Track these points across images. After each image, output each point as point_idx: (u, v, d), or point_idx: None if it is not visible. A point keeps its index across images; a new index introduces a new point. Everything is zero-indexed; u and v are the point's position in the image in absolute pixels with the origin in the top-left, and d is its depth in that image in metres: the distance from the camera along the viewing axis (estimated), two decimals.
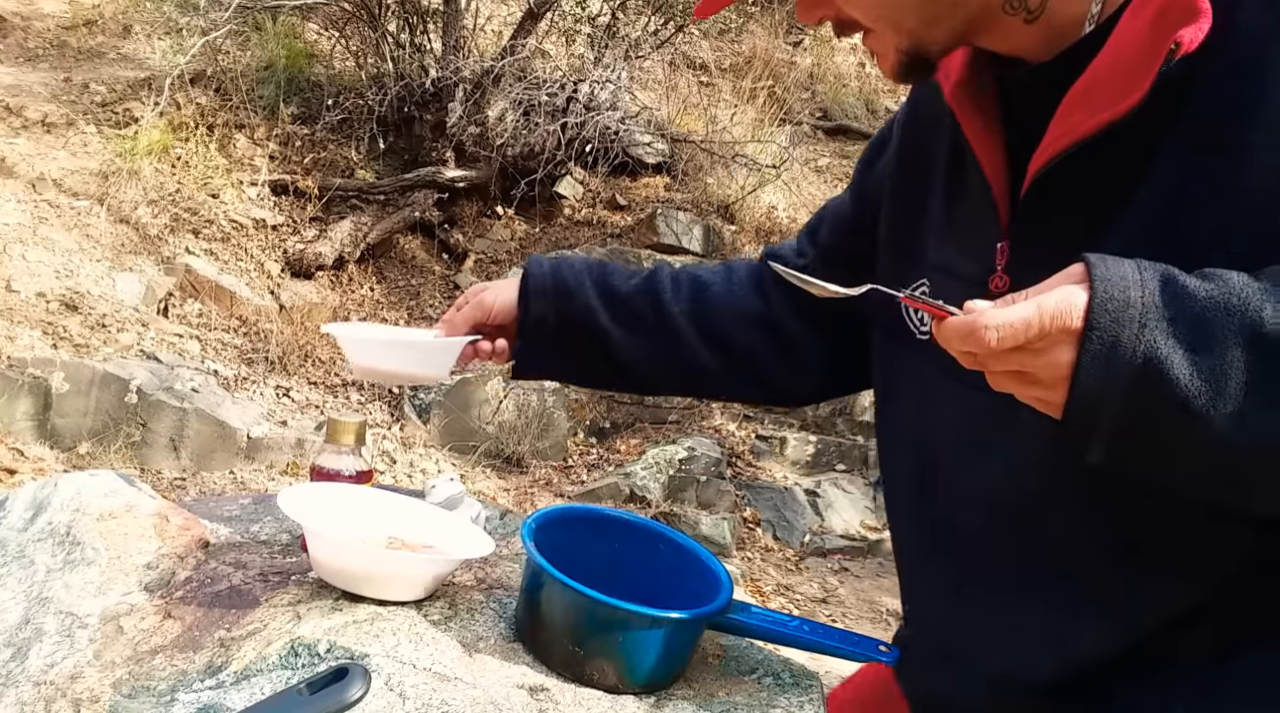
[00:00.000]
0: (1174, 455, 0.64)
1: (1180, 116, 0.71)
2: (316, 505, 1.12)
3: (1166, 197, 0.70)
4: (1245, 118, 0.67)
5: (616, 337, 1.15)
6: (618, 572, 1.13)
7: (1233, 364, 0.60)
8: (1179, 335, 0.61)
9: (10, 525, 1.18)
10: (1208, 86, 0.69)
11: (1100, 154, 0.74)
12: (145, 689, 0.94)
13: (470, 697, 0.93)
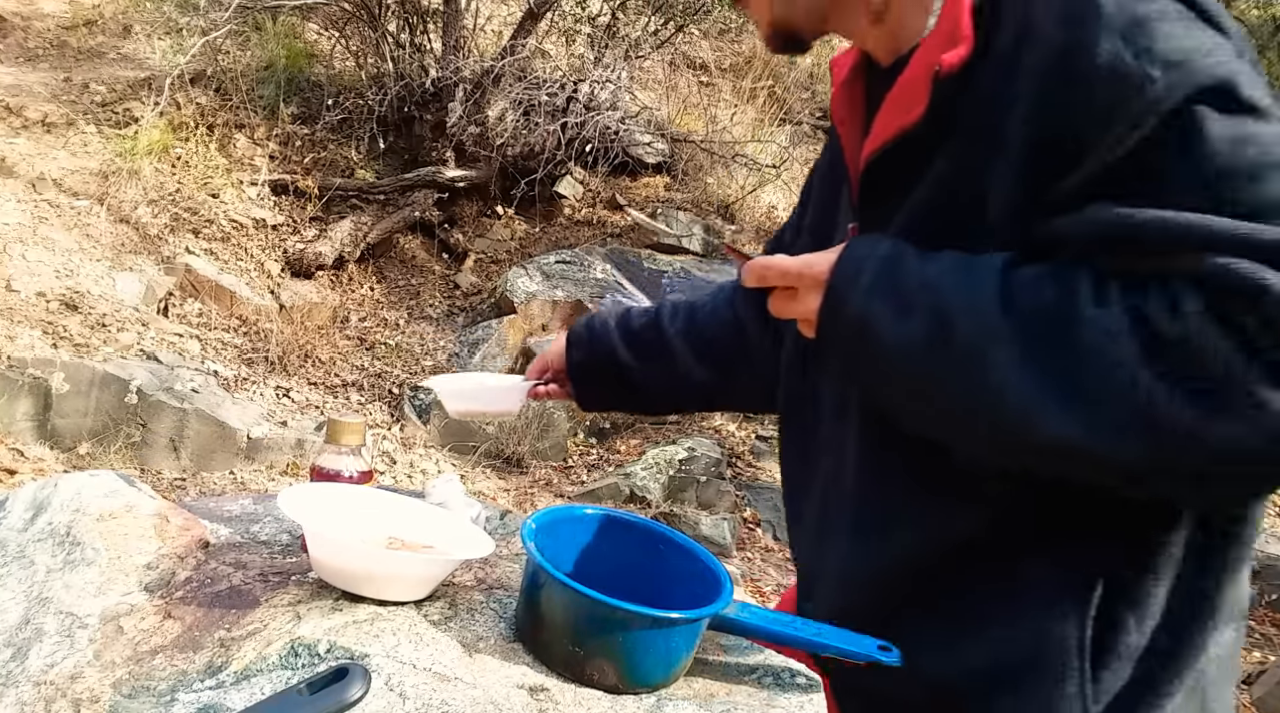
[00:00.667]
0: (881, 382, 0.87)
1: (954, 125, 0.85)
2: (316, 505, 1.12)
3: (937, 189, 0.87)
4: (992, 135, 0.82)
5: (634, 367, 1.34)
6: (618, 572, 1.13)
7: (920, 325, 0.81)
8: (887, 301, 0.83)
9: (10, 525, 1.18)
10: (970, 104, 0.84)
11: (900, 153, 0.89)
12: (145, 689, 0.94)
13: (470, 697, 0.93)
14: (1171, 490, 0.77)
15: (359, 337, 5.34)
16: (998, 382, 0.77)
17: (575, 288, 5.44)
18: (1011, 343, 0.77)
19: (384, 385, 4.95)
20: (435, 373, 5.12)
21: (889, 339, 0.83)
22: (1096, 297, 0.76)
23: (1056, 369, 0.75)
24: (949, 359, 0.80)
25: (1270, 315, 0.69)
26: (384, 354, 5.26)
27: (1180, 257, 0.73)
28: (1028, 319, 0.77)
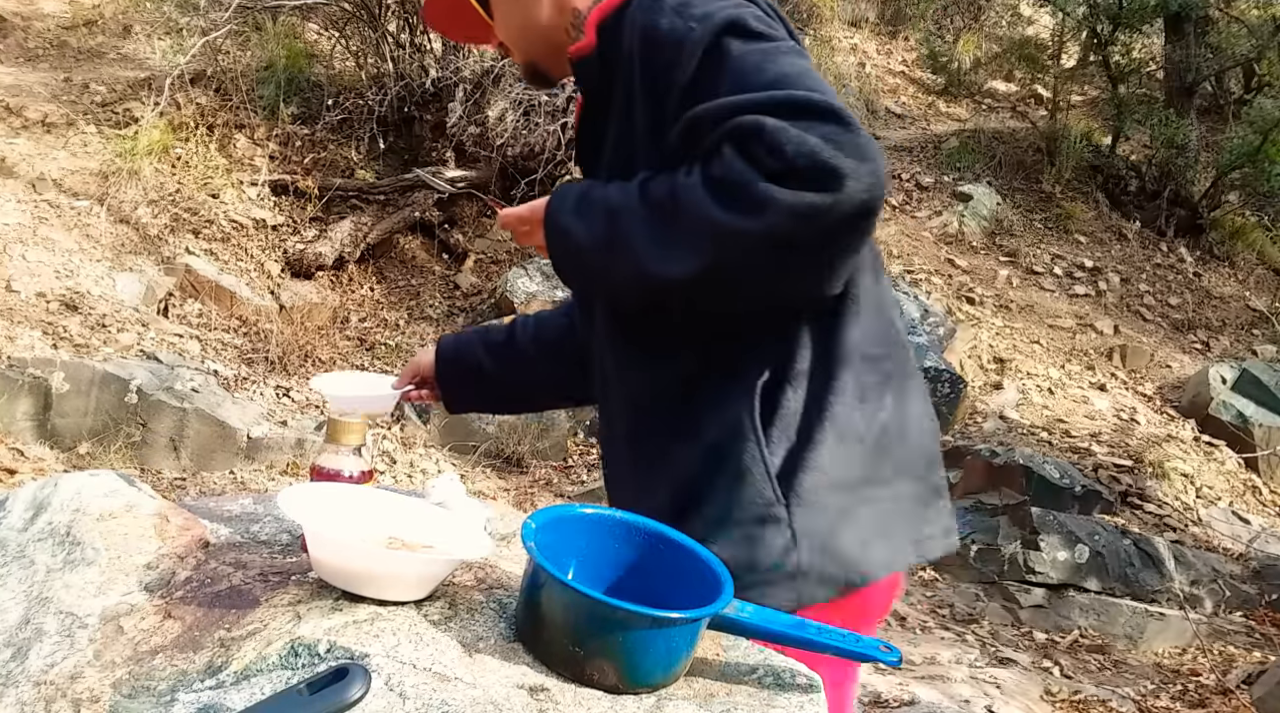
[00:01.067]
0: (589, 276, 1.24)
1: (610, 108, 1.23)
2: (316, 506, 1.12)
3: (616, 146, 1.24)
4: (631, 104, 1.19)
5: (493, 372, 1.58)
6: (618, 572, 1.13)
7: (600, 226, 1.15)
8: (581, 216, 1.17)
9: (10, 525, 1.18)
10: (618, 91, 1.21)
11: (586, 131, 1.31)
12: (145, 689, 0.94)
13: (470, 697, 0.93)
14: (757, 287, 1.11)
15: (359, 337, 5.35)
16: (642, 252, 1.12)
17: None
18: (645, 222, 1.12)
19: None
20: None
21: (585, 241, 1.18)
22: (688, 172, 1.09)
23: (667, 230, 1.10)
24: (617, 245, 1.14)
25: (768, 142, 1.02)
26: (384, 354, 5.26)
27: (722, 125, 1.06)
28: (653, 202, 1.12)
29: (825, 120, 1.04)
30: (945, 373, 5.78)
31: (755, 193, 1.02)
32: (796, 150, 1.02)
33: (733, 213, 1.04)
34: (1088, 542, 4.50)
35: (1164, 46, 8.54)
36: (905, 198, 7.67)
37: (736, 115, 1.05)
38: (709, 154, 1.08)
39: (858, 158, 1.03)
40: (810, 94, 1.05)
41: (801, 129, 1.03)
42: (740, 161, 1.04)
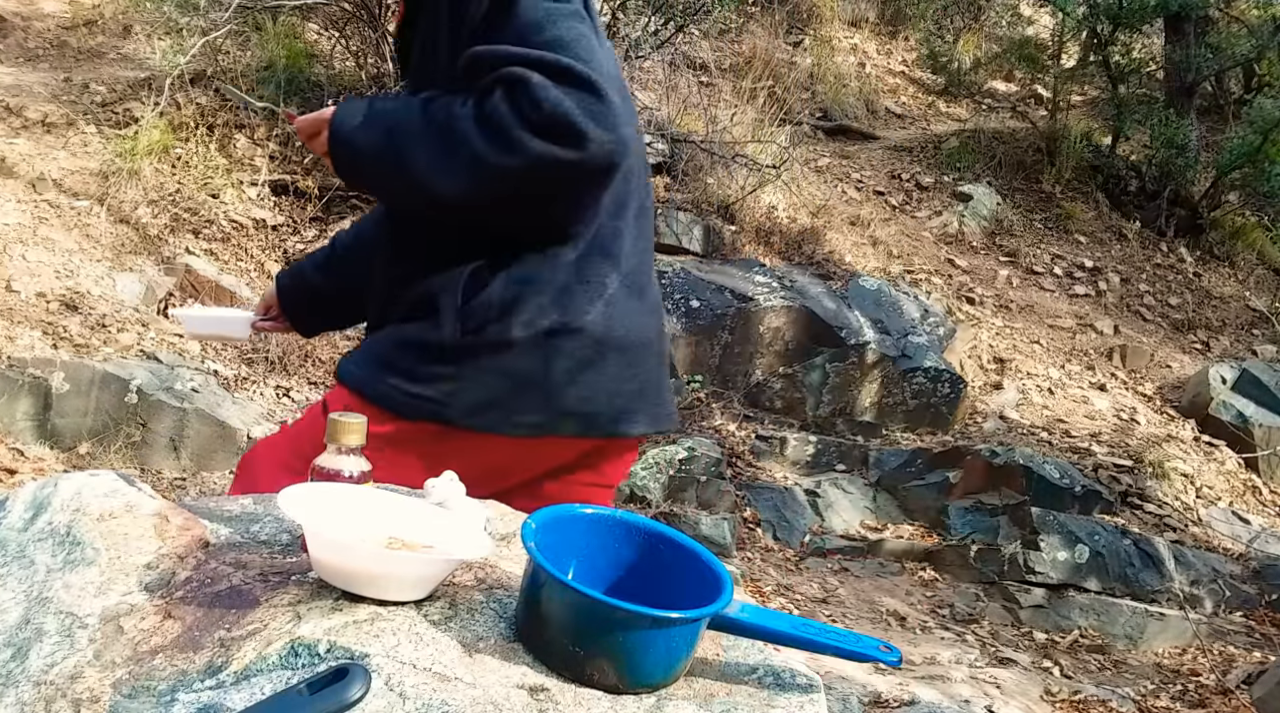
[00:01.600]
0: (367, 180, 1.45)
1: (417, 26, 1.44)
2: (316, 506, 1.12)
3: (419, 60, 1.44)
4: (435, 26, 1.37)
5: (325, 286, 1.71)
6: (618, 572, 1.13)
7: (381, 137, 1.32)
8: (364, 126, 1.33)
9: (10, 525, 1.18)
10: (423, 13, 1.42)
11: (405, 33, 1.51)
12: (145, 689, 0.94)
13: (470, 697, 0.93)
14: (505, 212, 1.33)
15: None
16: (418, 164, 1.29)
17: None
18: (420, 141, 1.29)
19: None
20: None
21: (366, 149, 1.34)
22: (463, 103, 1.27)
23: (437, 152, 1.27)
24: (395, 155, 1.31)
25: (531, 96, 1.20)
26: None
27: (497, 70, 1.23)
28: (430, 124, 1.28)
29: (583, 89, 1.22)
30: (945, 373, 5.78)
31: (512, 136, 1.23)
32: (553, 109, 1.21)
33: (492, 148, 1.24)
34: (1088, 542, 4.50)
35: (1164, 46, 8.54)
36: (905, 198, 7.67)
37: (510, 65, 1.24)
38: (483, 92, 1.26)
39: (604, 126, 1.23)
40: (575, 64, 1.23)
41: (562, 92, 1.21)
42: (505, 106, 1.23)
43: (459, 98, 1.28)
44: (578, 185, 1.30)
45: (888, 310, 6.02)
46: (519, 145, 1.22)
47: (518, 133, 1.22)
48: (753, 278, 5.86)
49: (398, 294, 1.43)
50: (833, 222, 6.84)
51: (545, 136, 1.22)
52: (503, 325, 1.34)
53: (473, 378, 1.36)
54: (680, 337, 5.48)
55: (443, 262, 1.38)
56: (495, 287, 1.35)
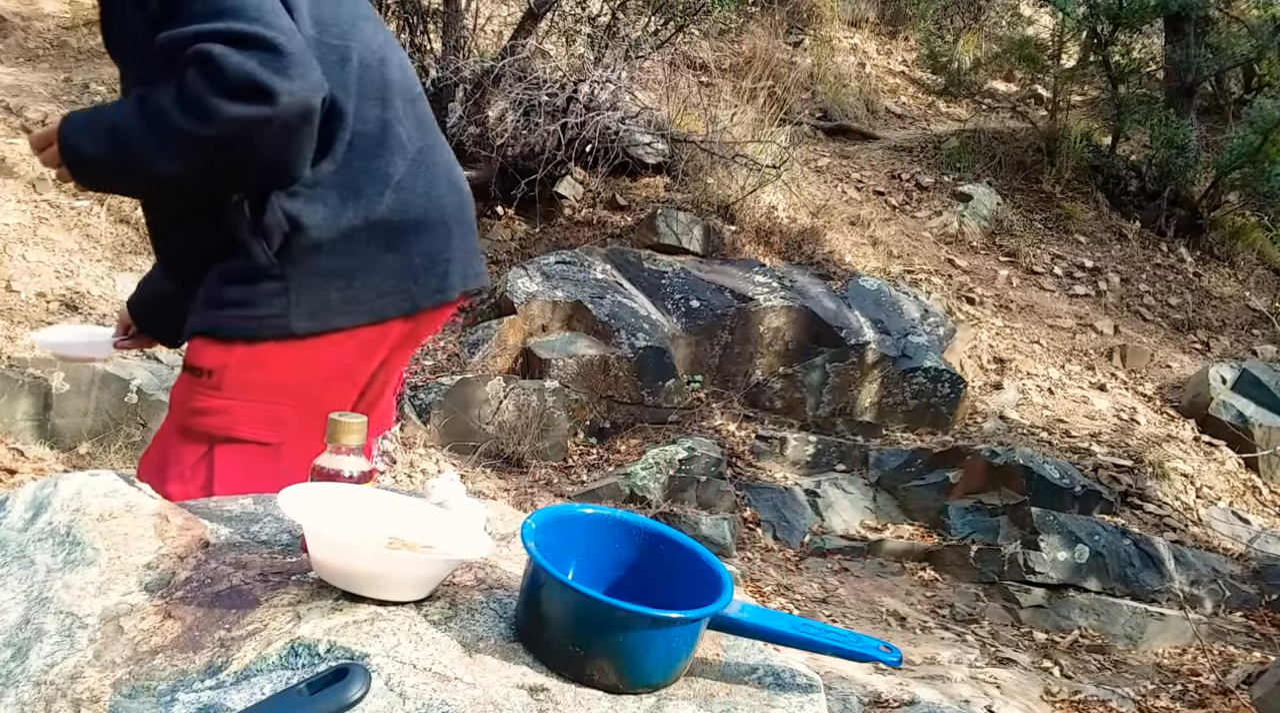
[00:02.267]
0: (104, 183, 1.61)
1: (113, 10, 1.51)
2: (316, 506, 1.13)
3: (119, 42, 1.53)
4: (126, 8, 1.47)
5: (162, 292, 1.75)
6: (618, 572, 1.13)
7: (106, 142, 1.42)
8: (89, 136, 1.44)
9: (10, 525, 1.18)
10: None
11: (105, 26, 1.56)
12: (145, 689, 0.94)
13: (470, 697, 0.93)
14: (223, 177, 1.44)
15: None
16: (139, 156, 1.41)
17: (575, 288, 5.44)
18: (141, 134, 1.40)
19: None
20: (435, 373, 5.12)
21: (93, 155, 1.45)
22: (168, 89, 1.36)
23: (156, 137, 1.38)
24: (121, 153, 1.43)
25: (216, 66, 1.31)
26: None
27: (185, 50, 1.32)
28: (146, 117, 1.39)
29: (262, 49, 1.32)
30: (945, 373, 5.78)
31: (207, 105, 1.32)
32: (236, 73, 1.31)
33: (190, 121, 1.35)
34: (1088, 542, 4.50)
35: (1164, 46, 8.53)
36: (905, 198, 7.67)
37: (195, 43, 1.33)
38: (180, 73, 1.35)
39: (288, 78, 1.33)
40: (250, 27, 1.32)
41: (243, 56, 1.31)
42: (199, 82, 1.33)
43: (162, 88, 1.38)
44: (283, 138, 1.40)
45: (888, 310, 6.02)
46: (214, 113, 1.33)
47: (210, 101, 1.32)
48: (753, 278, 5.86)
49: (202, 253, 1.53)
50: (833, 222, 6.84)
51: (238, 99, 1.32)
52: (303, 235, 1.48)
53: (299, 288, 1.49)
54: (680, 337, 5.48)
55: (226, 209, 1.48)
56: (275, 215, 1.47)
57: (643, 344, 5.22)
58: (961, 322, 6.37)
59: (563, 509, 1.15)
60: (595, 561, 1.13)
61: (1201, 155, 8.12)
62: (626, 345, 5.19)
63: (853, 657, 1.05)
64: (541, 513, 1.10)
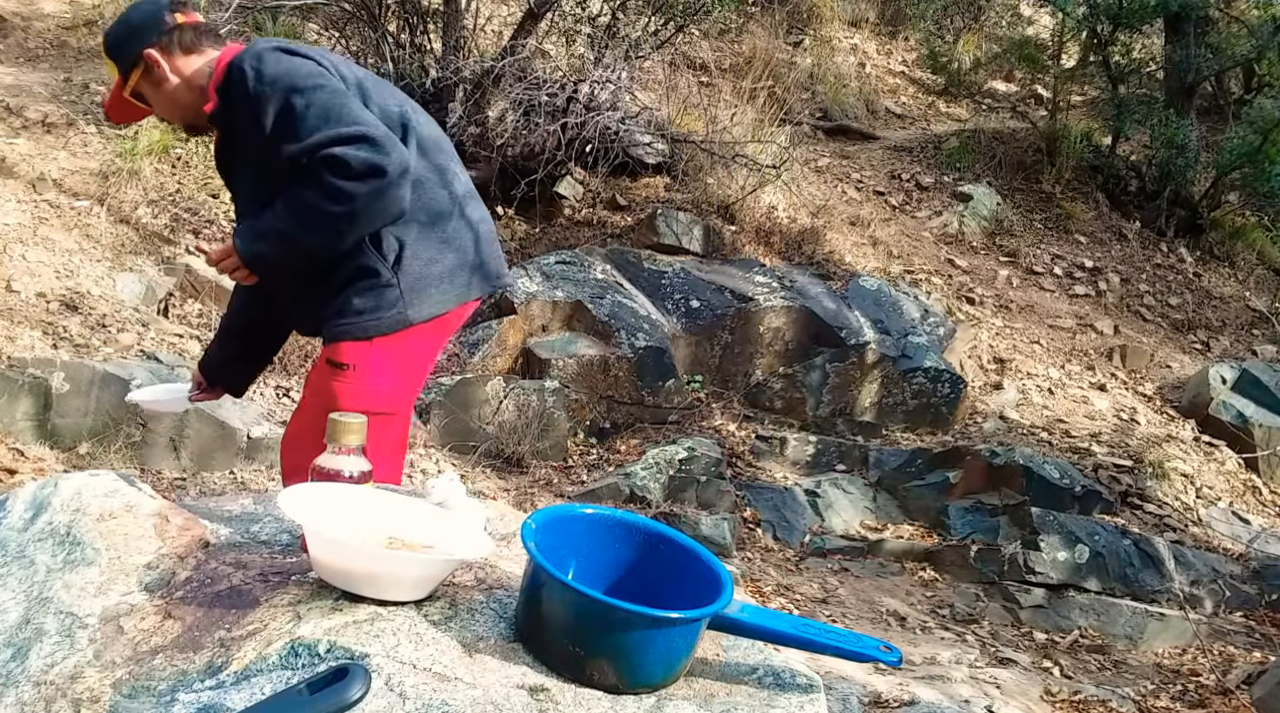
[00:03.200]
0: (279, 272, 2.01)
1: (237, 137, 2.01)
2: (316, 506, 1.12)
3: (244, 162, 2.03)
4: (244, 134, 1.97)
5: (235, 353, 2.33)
6: (618, 572, 1.13)
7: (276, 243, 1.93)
8: (261, 241, 1.94)
9: (10, 525, 1.18)
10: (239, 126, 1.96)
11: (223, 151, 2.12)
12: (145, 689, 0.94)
13: (470, 697, 0.93)
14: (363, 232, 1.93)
15: None
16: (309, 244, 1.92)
17: (575, 288, 5.44)
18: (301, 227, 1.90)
19: None
20: (435, 373, 5.12)
21: (270, 255, 1.95)
22: (305, 188, 1.85)
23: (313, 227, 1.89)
24: (293, 247, 1.93)
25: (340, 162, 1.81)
26: None
27: (313, 156, 1.82)
28: (297, 215, 1.89)
29: (365, 141, 1.84)
30: (945, 373, 5.78)
31: (344, 190, 1.84)
32: (356, 162, 1.83)
33: (337, 205, 1.86)
34: (1088, 542, 4.50)
35: (1164, 46, 8.53)
36: (905, 198, 7.67)
37: (320, 150, 1.83)
38: (312, 174, 1.85)
39: (387, 154, 1.85)
40: (351, 128, 1.84)
41: (355, 149, 1.83)
42: (334, 176, 1.84)
43: (301, 188, 1.87)
44: (391, 197, 1.90)
45: (888, 310, 6.02)
46: (351, 194, 1.85)
47: (347, 186, 1.84)
48: (753, 278, 5.86)
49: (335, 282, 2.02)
50: (833, 222, 6.84)
51: (363, 179, 1.84)
52: (406, 251, 2.01)
53: (409, 290, 2.01)
54: (680, 337, 5.48)
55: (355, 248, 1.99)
56: (388, 239, 2.01)
57: (643, 344, 5.22)
58: (961, 322, 6.37)
59: (563, 509, 1.15)
60: (595, 560, 1.13)
61: (1201, 155, 8.13)
62: (626, 345, 5.19)
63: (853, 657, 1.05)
64: (541, 513, 1.10)
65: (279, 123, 1.86)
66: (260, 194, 1.97)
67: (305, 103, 1.85)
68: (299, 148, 1.83)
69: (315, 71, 1.90)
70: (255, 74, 1.88)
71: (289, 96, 1.85)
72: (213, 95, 1.96)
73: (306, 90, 1.86)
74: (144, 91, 2.04)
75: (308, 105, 1.84)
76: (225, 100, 1.94)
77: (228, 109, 1.95)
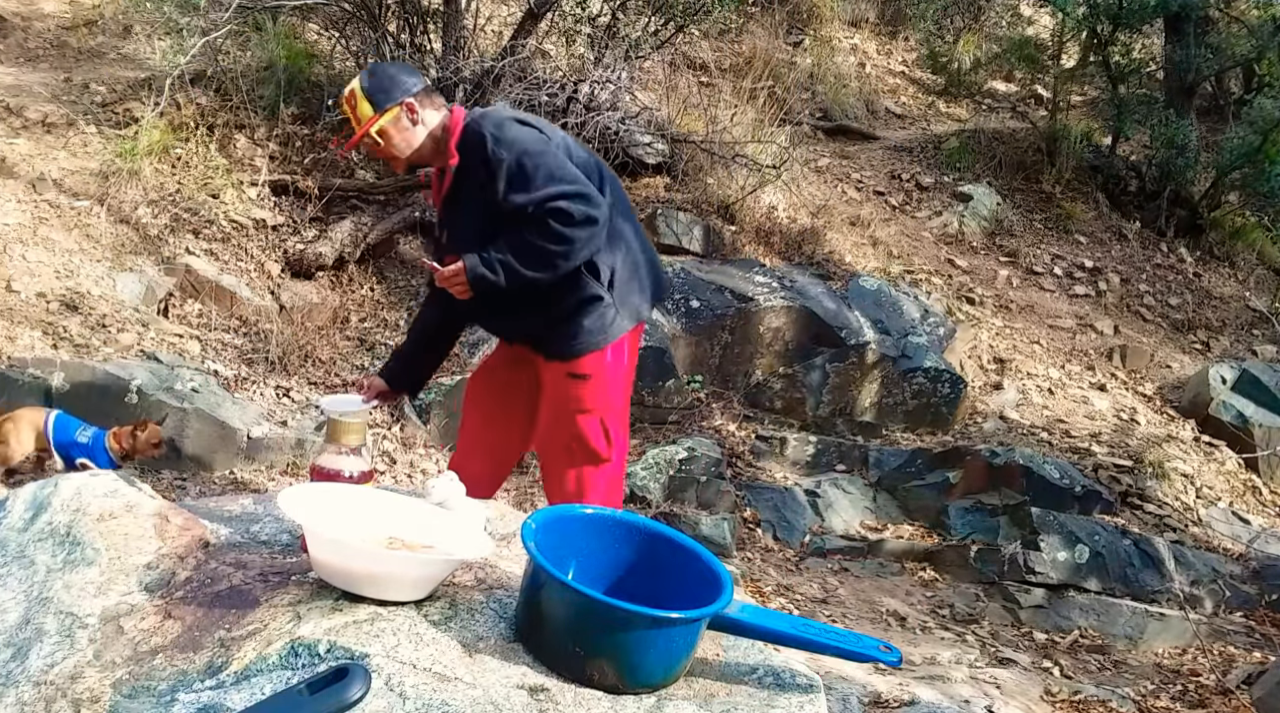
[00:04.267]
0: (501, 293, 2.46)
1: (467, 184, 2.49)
2: (316, 506, 1.12)
3: (469, 205, 2.51)
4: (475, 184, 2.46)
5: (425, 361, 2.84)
6: (618, 572, 1.13)
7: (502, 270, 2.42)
8: (489, 271, 2.43)
9: (10, 525, 1.18)
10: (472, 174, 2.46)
11: (451, 196, 2.55)
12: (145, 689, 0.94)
13: (470, 697, 0.93)
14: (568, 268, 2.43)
15: (359, 337, 5.35)
16: (531, 274, 2.41)
17: None
18: (525, 262, 2.40)
19: None
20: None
21: (495, 282, 2.41)
22: (530, 233, 2.39)
23: (536, 263, 2.41)
24: (516, 276, 2.40)
25: (564, 212, 2.36)
26: (384, 355, 5.26)
27: (540, 207, 2.35)
28: (521, 252, 2.40)
29: (582, 197, 2.36)
30: (945, 373, 5.78)
31: (568, 235, 2.37)
32: (578, 214, 2.35)
33: (560, 247, 2.38)
34: (1088, 542, 4.50)
35: (1164, 46, 8.53)
36: (905, 198, 7.67)
37: (548, 203, 2.34)
38: (538, 222, 2.36)
39: (598, 206, 2.38)
40: (573, 187, 2.37)
41: (576, 203, 2.35)
42: (555, 224, 2.35)
43: (524, 230, 2.38)
44: (598, 237, 2.42)
45: (888, 310, 6.02)
46: (572, 239, 2.37)
47: (569, 231, 2.36)
48: (753, 278, 5.86)
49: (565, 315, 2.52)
50: (833, 222, 6.84)
51: (582, 226, 2.36)
52: (620, 277, 2.53)
53: (619, 305, 2.53)
54: (680, 337, 5.48)
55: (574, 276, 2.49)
56: (603, 269, 2.51)
57: (642, 344, 5.21)
58: (961, 322, 6.37)
59: (563, 509, 1.15)
60: (595, 560, 1.13)
61: (1201, 155, 8.12)
62: None
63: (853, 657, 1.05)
64: (541, 513, 1.10)
65: (511, 179, 2.35)
66: (479, 231, 2.44)
67: (534, 165, 2.35)
68: (529, 200, 2.33)
69: (540, 139, 2.41)
70: (494, 139, 2.38)
71: (521, 159, 2.35)
72: (454, 152, 2.45)
73: (535, 154, 2.36)
74: (388, 131, 2.45)
75: (536, 167, 2.34)
76: (462, 155, 2.43)
77: (463, 162, 2.43)
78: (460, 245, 2.47)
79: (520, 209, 2.34)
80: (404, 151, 2.48)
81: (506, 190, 2.36)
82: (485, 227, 2.42)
